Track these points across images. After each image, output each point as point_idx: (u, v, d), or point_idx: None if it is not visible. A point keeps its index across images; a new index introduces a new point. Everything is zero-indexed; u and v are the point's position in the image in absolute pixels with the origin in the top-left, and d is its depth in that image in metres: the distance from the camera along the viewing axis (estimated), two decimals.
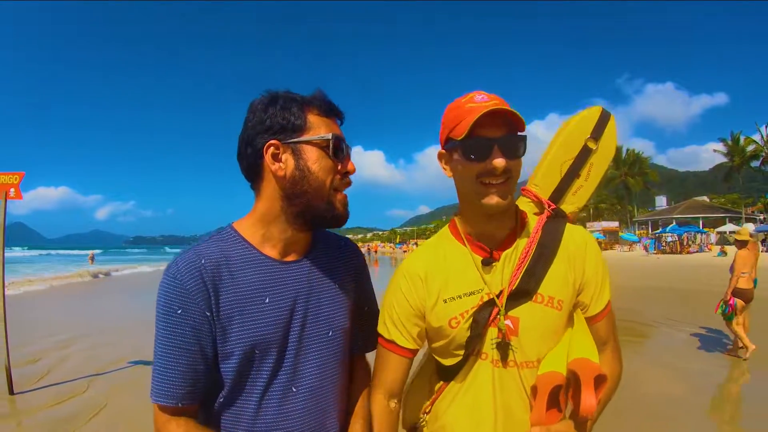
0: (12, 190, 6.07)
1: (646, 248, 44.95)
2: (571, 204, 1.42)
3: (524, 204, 1.39)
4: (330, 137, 1.13)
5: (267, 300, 1.12)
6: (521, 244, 1.24)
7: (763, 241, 39.71)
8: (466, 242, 1.26)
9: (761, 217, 57.81)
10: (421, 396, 1.37)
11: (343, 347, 1.25)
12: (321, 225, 1.20)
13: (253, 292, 1.12)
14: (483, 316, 1.19)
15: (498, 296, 1.20)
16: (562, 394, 1.13)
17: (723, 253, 34.52)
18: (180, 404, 1.08)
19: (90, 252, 47.87)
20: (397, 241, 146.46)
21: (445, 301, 1.23)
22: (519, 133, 1.15)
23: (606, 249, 49.44)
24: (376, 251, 69.26)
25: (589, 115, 1.44)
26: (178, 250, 1.22)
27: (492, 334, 1.20)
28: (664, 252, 41.60)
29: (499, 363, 1.20)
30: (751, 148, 55.83)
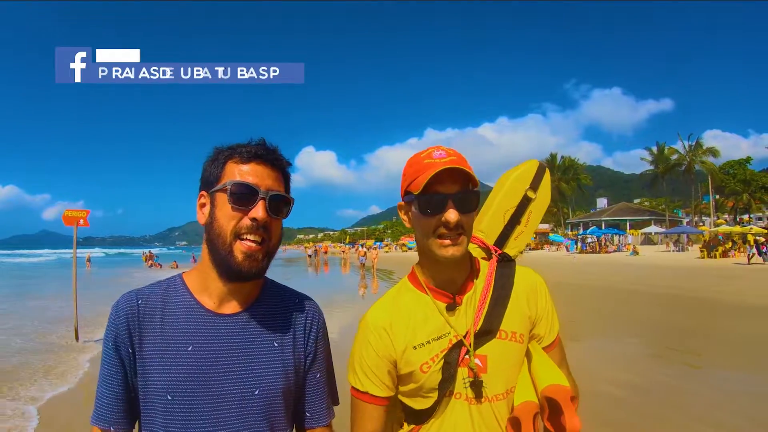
0: (81, 220, 9.52)
1: (567, 248, 48.72)
2: (513, 248, 1.49)
3: (471, 249, 1.42)
4: (228, 183, 1.13)
5: (189, 348, 1.12)
6: (479, 287, 1.31)
7: (675, 242, 43.74)
8: (427, 291, 1.30)
9: (694, 219, 62.56)
10: None
11: (273, 409, 1.18)
12: (230, 276, 1.15)
13: (177, 338, 1.13)
14: (453, 358, 1.24)
15: (465, 337, 1.25)
16: (537, 420, 1.23)
17: (635, 252, 38.01)
18: (112, 428, 1.14)
19: (87, 253, 47.88)
20: (347, 241, 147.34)
21: (414, 348, 1.26)
22: (472, 189, 1.22)
23: (535, 249, 52.88)
24: (326, 252, 67.19)
25: (529, 168, 1.56)
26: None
27: (463, 373, 1.25)
28: (586, 252, 44.93)
29: (473, 400, 1.25)
30: (674, 157, 60.72)
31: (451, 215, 1.17)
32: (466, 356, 1.25)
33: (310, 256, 47.36)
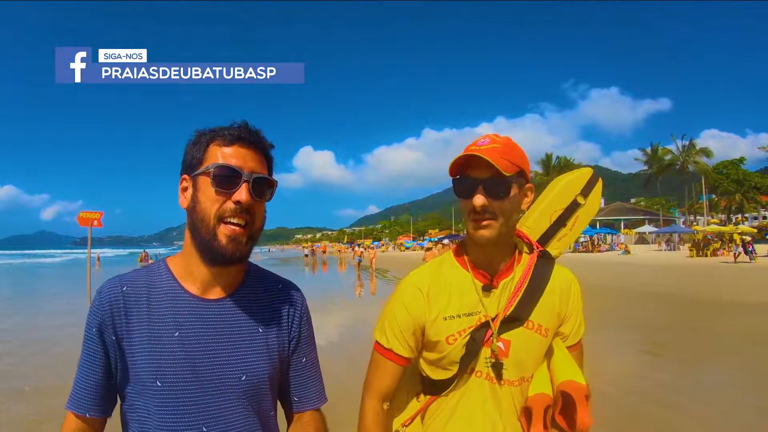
0: (95, 221, 10.35)
1: None
2: (555, 249, 1.54)
3: (516, 242, 1.45)
4: (211, 166, 1.12)
5: (176, 334, 1.12)
6: (517, 275, 1.35)
7: (667, 241, 44.41)
8: (469, 268, 1.36)
9: (691, 218, 63.28)
10: (398, 408, 1.45)
11: (260, 394, 1.19)
12: (213, 260, 1.14)
13: (164, 324, 1.12)
14: (479, 336, 1.29)
15: (493, 320, 1.30)
16: (548, 413, 1.27)
17: (626, 251, 38.67)
18: (87, 414, 1.15)
19: (96, 253, 47.61)
20: (345, 240, 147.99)
21: (445, 319, 1.31)
22: (501, 176, 1.23)
23: None
24: (324, 252, 67.57)
25: (582, 174, 1.62)
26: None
27: (486, 353, 1.31)
28: (578, 251, 45.39)
29: (494, 380, 1.31)
30: (668, 157, 61.50)
31: (478, 200, 1.24)
32: (491, 338, 1.30)
33: (306, 255, 47.86)
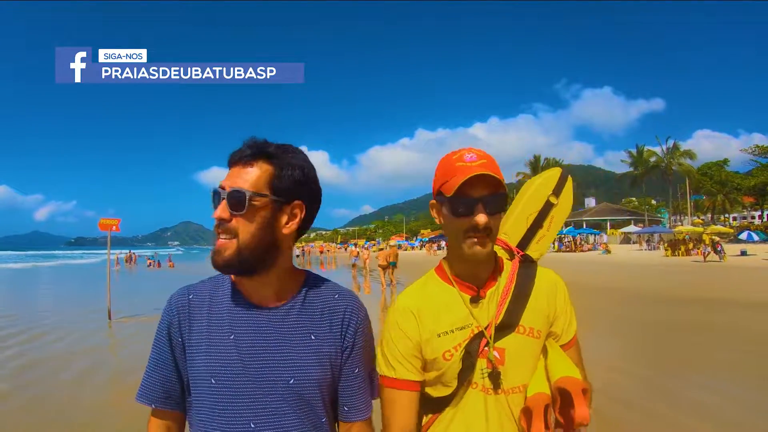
0: (114, 227, 11.99)
1: None
2: (535, 251, 1.57)
3: (495, 249, 1.45)
4: (211, 190, 1.21)
5: (231, 337, 1.20)
6: (502, 283, 1.37)
7: (647, 241, 45.77)
8: (453, 283, 1.36)
9: (672, 218, 64.56)
10: None
11: (309, 398, 1.23)
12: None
13: (221, 329, 1.21)
14: (474, 348, 1.29)
15: (486, 329, 1.30)
16: (549, 412, 1.25)
17: (607, 251, 40.03)
18: (154, 406, 1.26)
19: (115, 254, 46.62)
20: (339, 240, 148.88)
21: (438, 336, 1.31)
22: (500, 192, 1.26)
23: None
24: (321, 252, 64.96)
25: (552, 175, 1.66)
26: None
27: (481, 364, 1.30)
28: (562, 251, 46.82)
29: (490, 390, 1.30)
30: (653, 159, 62.89)
31: (481, 218, 1.23)
32: (486, 348, 1.30)
33: (298, 256, 48.81)
